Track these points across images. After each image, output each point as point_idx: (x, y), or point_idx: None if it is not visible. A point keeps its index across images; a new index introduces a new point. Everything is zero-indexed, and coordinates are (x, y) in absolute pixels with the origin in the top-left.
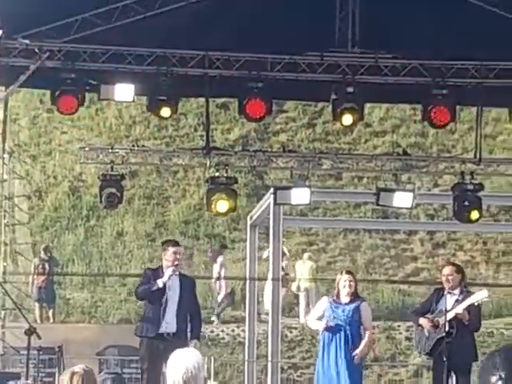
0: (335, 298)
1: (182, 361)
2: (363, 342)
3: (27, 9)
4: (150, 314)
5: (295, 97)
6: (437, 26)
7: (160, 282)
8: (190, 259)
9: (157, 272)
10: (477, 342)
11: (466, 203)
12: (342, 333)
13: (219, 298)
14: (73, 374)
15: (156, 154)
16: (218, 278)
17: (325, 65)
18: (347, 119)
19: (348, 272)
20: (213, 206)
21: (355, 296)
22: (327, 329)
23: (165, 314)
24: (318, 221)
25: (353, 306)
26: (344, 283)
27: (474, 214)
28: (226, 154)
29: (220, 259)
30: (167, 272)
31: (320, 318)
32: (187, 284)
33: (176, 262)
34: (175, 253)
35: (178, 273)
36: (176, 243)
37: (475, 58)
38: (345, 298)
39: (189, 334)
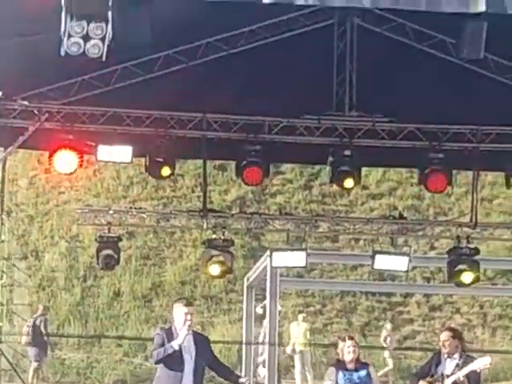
0: (341, 365)
1: None
2: None
3: (26, 70)
4: (165, 376)
5: (292, 160)
6: (433, 90)
7: (175, 345)
8: None
9: (170, 332)
10: None
11: (461, 267)
12: None
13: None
14: None
15: (153, 216)
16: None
17: (322, 128)
18: (348, 183)
19: (350, 338)
20: (207, 269)
21: (359, 361)
22: None
23: (183, 376)
24: (314, 282)
25: (364, 372)
26: (348, 349)
27: (467, 277)
28: (222, 216)
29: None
30: (182, 333)
31: None
32: (202, 341)
33: (188, 322)
34: (186, 313)
35: (191, 332)
36: (188, 302)
37: (471, 123)
38: (350, 365)
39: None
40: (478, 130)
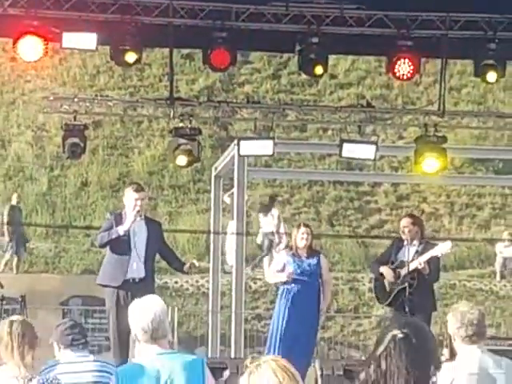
0: (294, 251)
1: (148, 307)
2: (327, 296)
3: None
4: (113, 261)
5: (260, 47)
6: None
7: (121, 230)
8: (155, 210)
9: (119, 217)
10: (439, 293)
11: (428, 155)
12: (304, 286)
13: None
14: (11, 321)
15: (120, 104)
16: (277, 232)
17: (290, 15)
18: (318, 70)
19: (305, 225)
20: (174, 159)
21: (311, 249)
22: (289, 281)
23: (131, 260)
24: (282, 172)
25: (315, 260)
26: (302, 236)
27: (434, 165)
28: (190, 104)
29: (276, 212)
30: (128, 219)
31: (280, 272)
32: (154, 228)
33: (137, 208)
34: (136, 199)
35: (142, 217)
36: (138, 188)
37: (440, 10)
38: (302, 252)
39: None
40: (447, 17)
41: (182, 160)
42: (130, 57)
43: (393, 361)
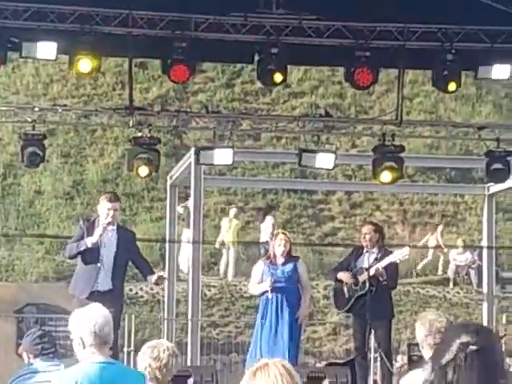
0: (271, 259)
1: (93, 315)
2: (305, 302)
3: None
4: (81, 271)
5: (219, 58)
6: None
7: (89, 242)
8: None
9: (92, 226)
10: (393, 300)
11: (387, 164)
12: (282, 293)
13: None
14: None
15: (76, 113)
16: (267, 243)
17: (249, 26)
18: (278, 78)
19: (283, 233)
20: (134, 169)
21: (290, 256)
22: (269, 289)
23: (99, 272)
24: (238, 180)
25: (290, 266)
26: (280, 242)
27: (385, 176)
28: (149, 113)
29: (271, 220)
30: (96, 232)
31: (260, 283)
32: (126, 237)
33: (109, 219)
34: (109, 209)
35: (114, 227)
36: (112, 198)
37: (398, 21)
38: (280, 259)
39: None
40: (405, 28)
41: (143, 171)
42: (85, 65)
43: (463, 374)
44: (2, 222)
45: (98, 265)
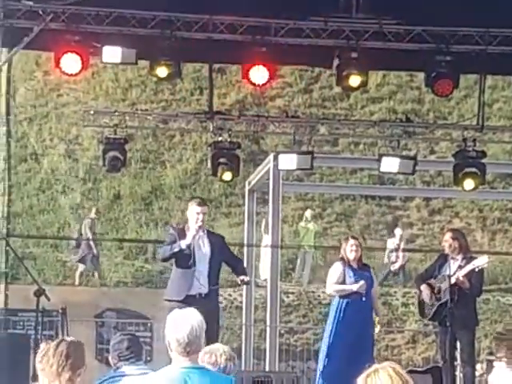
0: (347, 262)
1: (186, 320)
2: (379, 307)
3: None
4: (177, 276)
5: (298, 62)
6: None
7: (183, 244)
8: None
9: (182, 231)
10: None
11: (468, 170)
12: (361, 298)
13: (393, 267)
14: (59, 341)
15: (156, 118)
16: (396, 250)
17: (328, 30)
18: (355, 80)
19: (353, 237)
20: (219, 175)
21: (361, 262)
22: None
23: (195, 275)
24: (315, 186)
25: (368, 273)
26: (351, 248)
27: (468, 184)
28: (229, 118)
29: (399, 231)
30: (190, 233)
31: (337, 284)
32: (217, 241)
33: (200, 223)
34: (198, 213)
35: (204, 232)
36: (200, 202)
37: (479, 25)
38: (354, 264)
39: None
40: (486, 33)
41: (227, 176)
42: (162, 71)
43: None
44: (81, 227)
45: (193, 269)
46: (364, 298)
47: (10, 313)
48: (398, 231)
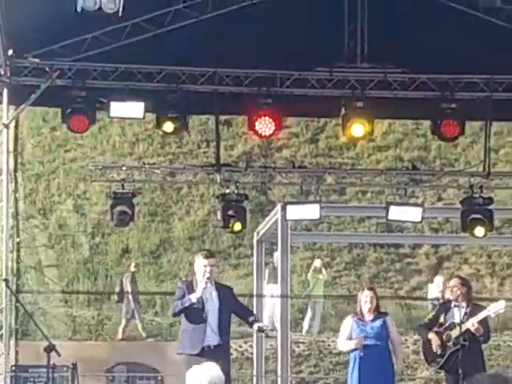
0: (359, 315)
1: (207, 373)
2: (399, 357)
3: (37, 28)
4: (189, 329)
5: (304, 113)
6: (445, 39)
7: (193, 297)
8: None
9: (191, 285)
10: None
11: (475, 216)
12: (373, 350)
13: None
14: None
15: (164, 171)
16: (438, 299)
17: (334, 80)
18: (358, 130)
19: (369, 288)
20: (230, 226)
21: (378, 311)
22: (359, 347)
23: (207, 327)
24: (324, 236)
25: (379, 321)
26: (366, 299)
27: (479, 231)
28: (236, 170)
29: (440, 279)
30: (199, 286)
31: (349, 339)
32: (225, 293)
33: (207, 275)
34: (206, 266)
35: (213, 284)
36: (207, 255)
37: (483, 72)
38: (368, 315)
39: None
40: (491, 80)
41: (237, 226)
42: (168, 126)
43: None
44: (90, 282)
45: (205, 321)
46: (371, 349)
47: (21, 369)
48: (438, 279)
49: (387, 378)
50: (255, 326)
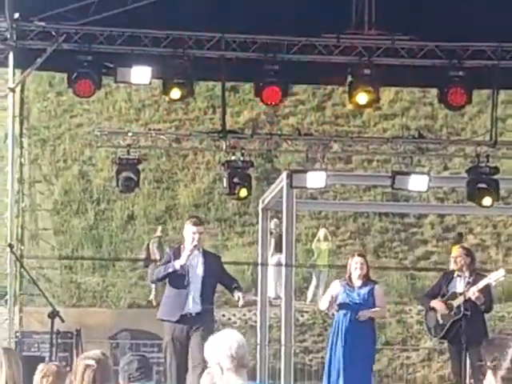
0: (348, 281)
1: (231, 337)
2: (376, 311)
3: None
4: (171, 296)
5: (311, 80)
6: (453, 7)
7: (177, 264)
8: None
9: (178, 251)
10: (488, 326)
11: (480, 186)
12: (356, 315)
13: None
14: (86, 367)
15: (170, 137)
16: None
17: (341, 47)
18: (362, 98)
19: (359, 255)
20: (237, 191)
21: (367, 279)
22: (341, 311)
23: (188, 295)
24: (329, 204)
25: (367, 289)
26: (356, 265)
27: (487, 200)
28: (242, 137)
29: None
30: (184, 253)
31: (333, 301)
32: (211, 261)
33: (195, 242)
34: (194, 232)
35: (200, 251)
36: (196, 222)
37: (491, 40)
38: (357, 282)
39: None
40: (499, 47)
41: (243, 193)
42: (176, 94)
43: None
44: (95, 248)
45: (187, 289)
46: (356, 313)
47: (25, 335)
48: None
49: (366, 345)
50: (234, 295)
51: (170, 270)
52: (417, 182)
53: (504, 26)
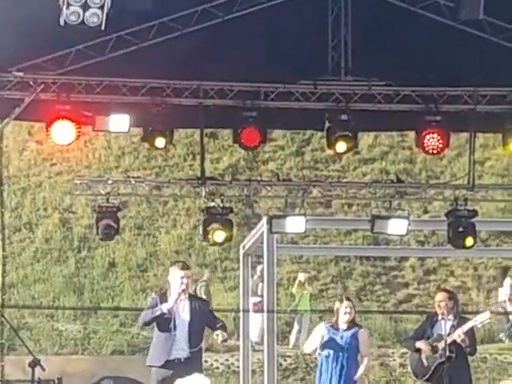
0: (334, 324)
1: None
2: (362, 368)
3: (21, 41)
4: (158, 341)
5: (289, 126)
6: (429, 52)
7: (164, 308)
8: None
9: (164, 296)
10: (471, 367)
11: (461, 229)
12: (340, 360)
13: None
14: None
15: (149, 185)
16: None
17: (318, 93)
18: (341, 146)
19: (348, 299)
20: (210, 236)
21: (353, 323)
22: (325, 355)
23: (175, 340)
24: (310, 248)
25: (350, 332)
26: (346, 310)
27: (469, 241)
28: (221, 183)
29: (508, 281)
30: (172, 297)
31: (317, 344)
32: (199, 306)
33: (183, 287)
34: (182, 277)
35: (187, 296)
36: (183, 266)
37: (467, 84)
38: (343, 325)
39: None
40: (475, 92)
41: (220, 235)
42: (160, 142)
43: None
44: (77, 296)
45: (173, 333)
46: (338, 358)
47: None
48: (507, 281)
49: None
50: (215, 332)
51: (158, 313)
52: (396, 226)
53: (480, 71)
